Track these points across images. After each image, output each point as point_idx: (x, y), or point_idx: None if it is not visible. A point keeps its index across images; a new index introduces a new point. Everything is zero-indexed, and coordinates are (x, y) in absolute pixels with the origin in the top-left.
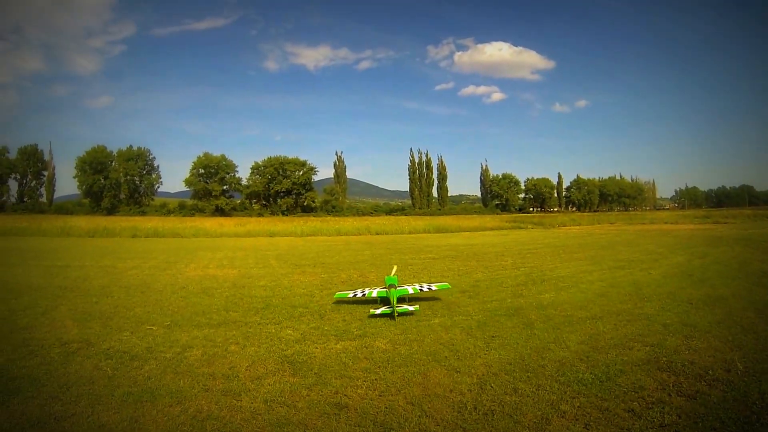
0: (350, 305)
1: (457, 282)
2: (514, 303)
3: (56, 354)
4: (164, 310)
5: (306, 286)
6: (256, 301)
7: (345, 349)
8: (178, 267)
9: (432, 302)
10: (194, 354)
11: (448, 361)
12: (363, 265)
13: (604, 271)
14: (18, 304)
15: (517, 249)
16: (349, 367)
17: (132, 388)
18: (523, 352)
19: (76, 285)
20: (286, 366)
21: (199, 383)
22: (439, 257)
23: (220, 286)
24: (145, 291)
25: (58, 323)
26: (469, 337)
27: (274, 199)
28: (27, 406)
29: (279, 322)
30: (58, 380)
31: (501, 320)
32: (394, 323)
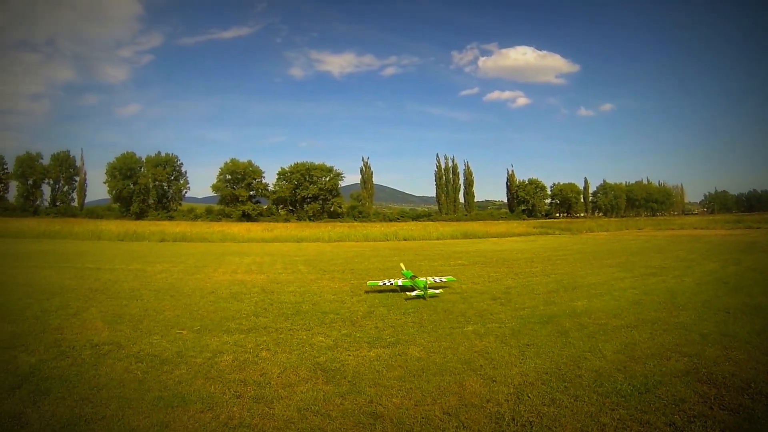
0: (382, 312)
1: (488, 289)
2: (547, 310)
3: (87, 356)
4: (194, 314)
5: (336, 292)
6: (286, 306)
7: (378, 356)
8: (206, 271)
9: (464, 308)
10: (225, 359)
11: (484, 370)
12: (392, 271)
13: (636, 278)
14: (50, 305)
15: (546, 255)
16: (383, 376)
17: (162, 393)
18: (559, 362)
19: (107, 287)
20: (319, 373)
21: (231, 389)
22: (468, 263)
23: (249, 291)
24: (174, 295)
25: (88, 325)
26: (503, 345)
27: (300, 205)
28: (57, 408)
29: (310, 329)
30: (89, 382)
31: (535, 328)
32: (427, 330)
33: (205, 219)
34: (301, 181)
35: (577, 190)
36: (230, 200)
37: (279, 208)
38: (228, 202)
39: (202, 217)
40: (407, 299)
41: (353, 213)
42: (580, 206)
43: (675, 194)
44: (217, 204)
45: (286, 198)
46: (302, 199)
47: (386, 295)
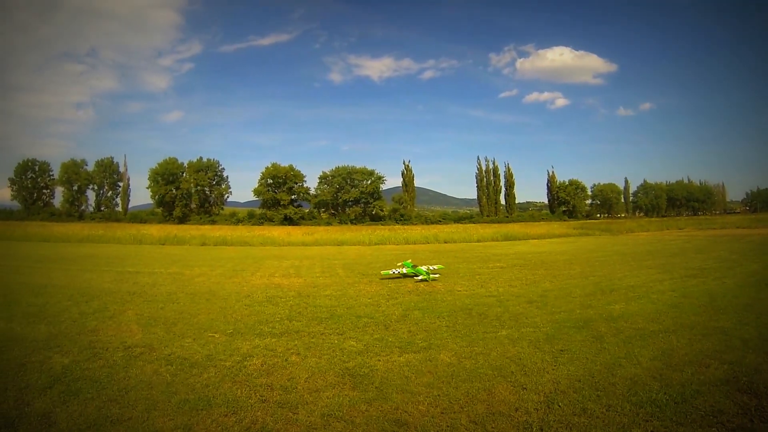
0: (417, 315)
1: (525, 292)
2: (583, 314)
3: (119, 357)
4: (228, 317)
5: (372, 295)
6: (321, 310)
7: (408, 362)
8: (244, 275)
9: (500, 312)
10: (254, 363)
11: (515, 377)
12: None
13: (676, 280)
14: (88, 308)
15: (585, 257)
16: (412, 382)
17: (189, 395)
18: (593, 369)
19: (144, 291)
20: (347, 379)
21: (256, 394)
22: (507, 266)
23: (285, 295)
24: (210, 298)
25: (123, 327)
26: (536, 350)
27: (342, 208)
28: (86, 407)
29: (342, 333)
30: (119, 384)
31: (570, 333)
32: (461, 335)
33: (247, 223)
34: (343, 184)
35: (617, 191)
36: (272, 204)
37: (321, 212)
38: (269, 206)
39: (244, 221)
40: (417, 281)
41: (395, 216)
42: (621, 206)
43: (716, 193)
44: (258, 208)
45: (327, 201)
46: (344, 203)
47: (422, 297)
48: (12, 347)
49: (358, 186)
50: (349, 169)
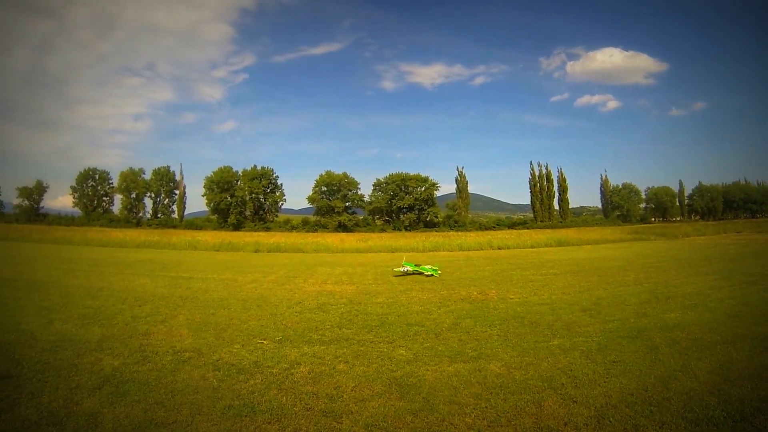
0: (468, 324)
1: (578, 299)
2: (637, 323)
3: (167, 361)
4: (278, 324)
5: (424, 303)
6: (371, 318)
7: (457, 372)
8: (296, 282)
9: (552, 320)
10: (301, 371)
11: (565, 389)
12: (483, 281)
13: (735, 287)
14: (141, 311)
15: (639, 263)
16: (460, 393)
17: (234, 402)
18: (647, 382)
19: (197, 296)
20: (394, 388)
21: (302, 402)
22: (560, 272)
23: (337, 302)
24: (261, 305)
25: (174, 332)
26: (588, 361)
27: (396, 215)
28: (132, 410)
29: (392, 341)
30: (166, 387)
31: (623, 343)
32: (512, 344)
33: (301, 230)
34: (397, 191)
35: (672, 194)
36: (326, 211)
37: (375, 219)
38: (324, 214)
39: (298, 228)
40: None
41: (449, 222)
42: (676, 210)
43: None
44: (313, 215)
45: (382, 208)
46: (398, 210)
47: (474, 305)
48: (66, 347)
49: (412, 193)
50: (403, 176)
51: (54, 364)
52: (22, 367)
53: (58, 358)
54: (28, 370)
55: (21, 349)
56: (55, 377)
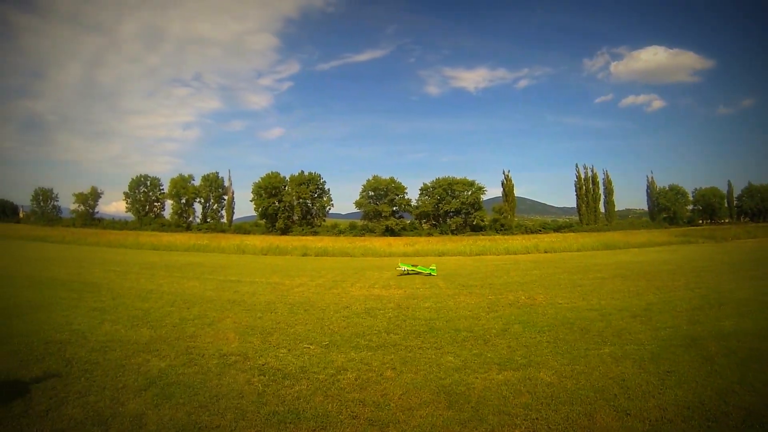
0: (517, 330)
1: (628, 305)
2: (690, 331)
3: (213, 365)
4: (324, 329)
5: (472, 308)
6: (419, 323)
7: (507, 380)
8: (343, 286)
9: (602, 327)
10: (347, 377)
11: (618, 401)
12: (531, 285)
13: None
14: (189, 314)
15: (689, 267)
16: (509, 402)
17: (279, 407)
18: (703, 394)
19: (244, 299)
20: (442, 397)
21: (348, 409)
22: (608, 277)
23: (384, 307)
24: (308, 309)
25: (221, 335)
26: (641, 371)
27: (443, 219)
28: (176, 412)
29: (440, 347)
30: (211, 391)
31: (677, 352)
32: (561, 351)
33: (348, 234)
34: (444, 195)
35: (720, 195)
36: (373, 216)
37: (422, 223)
38: (371, 218)
39: (346, 233)
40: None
41: (495, 226)
42: (724, 211)
43: None
44: (360, 219)
45: (429, 212)
46: (445, 214)
47: (523, 311)
48: (115, 348)
49: (458, 197)
50: (450, 180)
51: (102, 364)
52: (72, 366)
53: (107, 359)
54: (77, 369)
55: (72, 348)
56: (102, 377)
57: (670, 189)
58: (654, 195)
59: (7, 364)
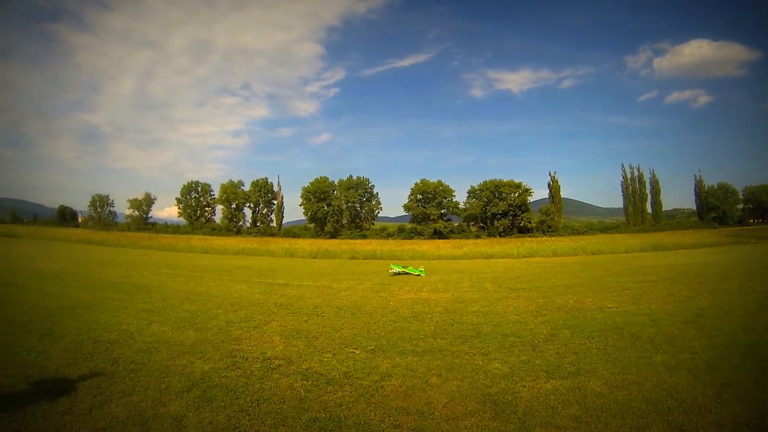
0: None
1: (680, 309)
2: (746, 338)
3: (257, 368)
4: (371, 333)
5: (520, 312)
6: (466, 328)
7: (555, 389)
8: (391, 289)
9: (653, 333)
10: (392, 384)
11: (672, 415)
12: (579, 288)
13: None
14: (235, 317)
15: (742, 269)
16: (558, 413)
17: (320, 414)
18: (763, 410)
19: (291, 303)
20: (488, 406)
21: (390, 417)
22: (657, 279)
23: (432, 311)
24: (355, 313)
25: (266, 338)
26: (696, 382)
27: (491, 221)
28: (216, 415)
29: (487, 353)
30: (252, 395)
31: (733, 361)
32: (612, 359)
33: (397, 237)
34: (491, 197)
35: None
36: (421, 219)
37: (470, 225)
38: (419, 221)
39: (394, 236)
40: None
41: (542, 228)
42: None
43: None
44: (409, 222)
45: (476, 215)
46: (492, 216)
47: (571, 315)
48: (161, 349)
49: (505, 199)
50: (497, 182)
51: (147, 364)
52: (118, 366)
53: (152, 359)
54: (123, 369)
55: (119, 348)
56: (146, 377)
57: (719, 187)
58: (702, 194)
59: (58, 361)
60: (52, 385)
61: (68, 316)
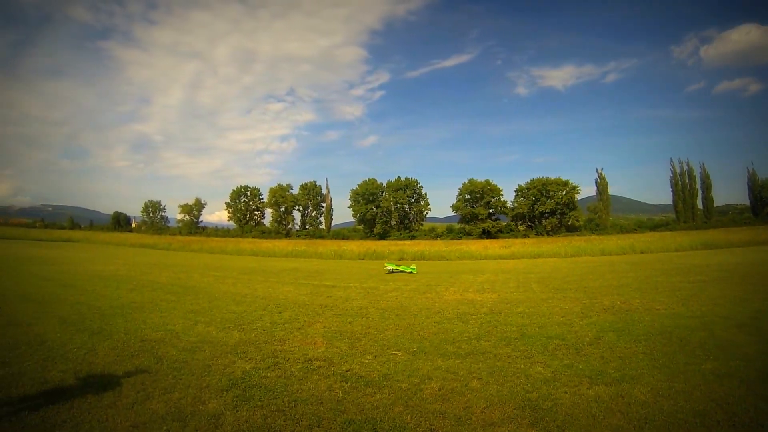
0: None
1: (733, 312)
2: None
3: (297, 369)
4: (414, 335)
5: (565, 313)
6: (511, 329)
7: (597, 396)
8: (437, 290)
9: (704, 338)
10: (431, 387)
11: (721, 429)
12: (627, 289)
13: None
14: (280, 318)
15: None
16: (599, 422)
17: (356, 416)
18: None
19: (336, 304)
20: (527, 412)
21: (427, 421)
22: (709, 280)
23: (477, 312)
24: (400, 314)
25: (309, 339)
26: (749, 393)
27: (538, 220)
28: (253, 414)
29: (530, 356)
30: (290, 395)
31: None
32: (658, 365)
33: (446, 237)
34: (538, 196)
35: None
36: (470, 219)
37: (518, 224)
38: (468, 221)
39: (443, 236)
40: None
41: (590, 226)
42: None
43: None
44: (457, 223)
45: (524, 214)
46: (540, 214)
47: (618, 317)
48: (204, 349)
49: (553, 197)
50: (544, 180)
51: (190, 363)
52: (162, 364)
53: (195, 358)
54: (167, 367)
55: (164, 347)
56: (188, 376)
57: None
58: (756, 188)
59: (106, 358)
60: (99, 381)
61: (118, 316)
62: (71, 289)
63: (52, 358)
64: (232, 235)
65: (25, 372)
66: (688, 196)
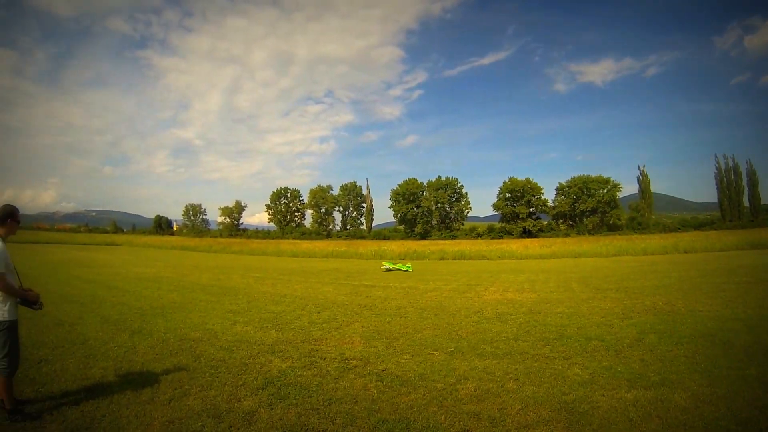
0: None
1: None
2: None
3: (333, 368)
4: (452, 335)
5: (605, 314)
6: (550, 330)
7: (636, 400)
8: (477, 290)
9: (748, 342)
10: (467, 387)
11: None
12: (669, 289)
13: None
14: (318, 318)
15: None
16: (636, 427)
17: (389, 416)
18: None
19: (375, 304)
20: (563, 415)
21: (461, 422)
22: (755, 281)
23: (516, 312)
24: (438, 314)
25: (346, 339)
26: None
27: (580, 219)
28: (287, 413)
29: (569, 357)
30: (325, 394)
31: None
32: (700, 369)
33: (486, 237)
34: (579, 194)
35: None
36: (511, 218)
37: (559, 223)
38: (508, 220)
39: (484, 235)
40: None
41: (632, 225)
42: None
43: None
44: (498, 222)
45: (565, 213)
46: (581, 213)
47: (660, 318)
48: (242, 348)
49: (594, 195)
50: (585, 178)
51: (228, 362)
52: (200, 362)
53: (233, 357)
54: (204, 365)
55: (202, 346)
56: (225, 374)
57: None
58: None
59: (145, 356)
60: (138, 378)
61: (158, 316)
62: (113, 291)
63: (93, 356)
64: (272, 236)
65: (68, 369)
66: (733, 194)
